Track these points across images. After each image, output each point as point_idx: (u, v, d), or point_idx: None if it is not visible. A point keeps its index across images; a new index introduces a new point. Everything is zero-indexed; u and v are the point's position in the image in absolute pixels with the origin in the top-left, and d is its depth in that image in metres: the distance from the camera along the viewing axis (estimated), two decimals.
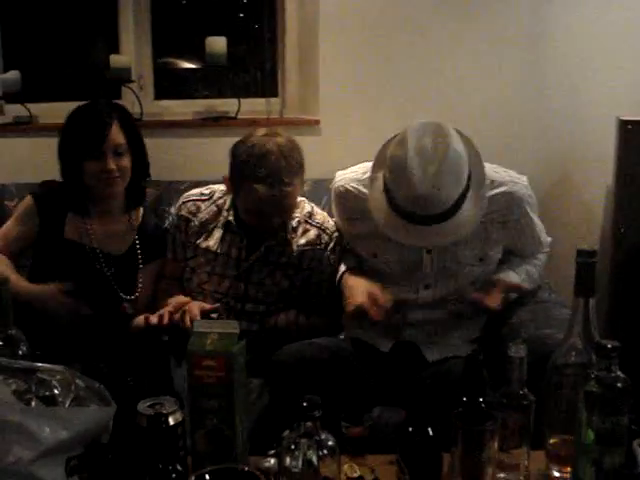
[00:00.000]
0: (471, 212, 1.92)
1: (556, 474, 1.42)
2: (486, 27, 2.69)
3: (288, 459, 1.23)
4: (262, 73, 3.02)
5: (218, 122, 2.81)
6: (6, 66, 2.85)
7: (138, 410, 1.31)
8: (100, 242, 2.21)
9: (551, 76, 2.72)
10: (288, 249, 2.18)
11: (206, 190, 2.27)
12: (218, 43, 2.72)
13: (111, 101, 2.29)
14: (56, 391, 1.35)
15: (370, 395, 1.97)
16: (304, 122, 2.78)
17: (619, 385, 1.24)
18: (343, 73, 2.72)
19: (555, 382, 1.41)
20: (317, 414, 1.23)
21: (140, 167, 2.21)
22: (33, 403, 1.31)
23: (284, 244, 2.18)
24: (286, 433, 1.26)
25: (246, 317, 2.13)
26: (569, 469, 1.37)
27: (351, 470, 1.42)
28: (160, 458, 1.26)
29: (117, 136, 2.11)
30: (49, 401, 1.33)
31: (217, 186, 2.26)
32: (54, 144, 2.18)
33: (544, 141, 2.74)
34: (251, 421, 1.57)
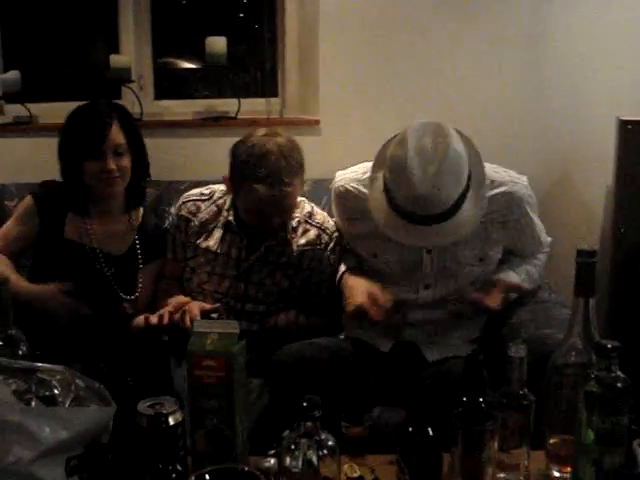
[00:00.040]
0: (471, 212, 1.92)
1: (556, 474, 1.42)
2: (486, 27, 2.69)
3: (288, 459, 1.23)
4: (262, 73, 3.02)
5: (218, 122, 2.81)
6: (6, 66, 2.85)
7: (138, 410, 1.31)
8: (100, 242, 2.21)
9: (551, 76, 2.72)
10: (288, 249, 2.18)
11: (206, 190, 2.27)
12: (218, 43, 2.72)
13: (111, 101, 2.29)
14: (56, 391, 1.35)
15: (370, 395, 1.97)
16: (304, 122, 2.78)
17: (619, 385, 1.24)
18: (343, 73, 2.72)
19: (555, 382, 1.41)
20: (317, 414, 1.23)
21: (140, 167, 2.21)
22: (33, 403, 1.31)
23: (284, 244, 2.18)
24: (286, 433, 1.26)
25: (246, 317, 2.13)
26: (569, 469, 1.37)
27: (351, 470, 1.42)
28: (160, 458, 1.26)
29: (117, 136, 2.11)
30: (49, 401, 1.33)
31: (217, 186, 2.26)
32: (54, 144, 2.18)
33: (544, 141, 2.74)
34: (251, 421, 1.57)
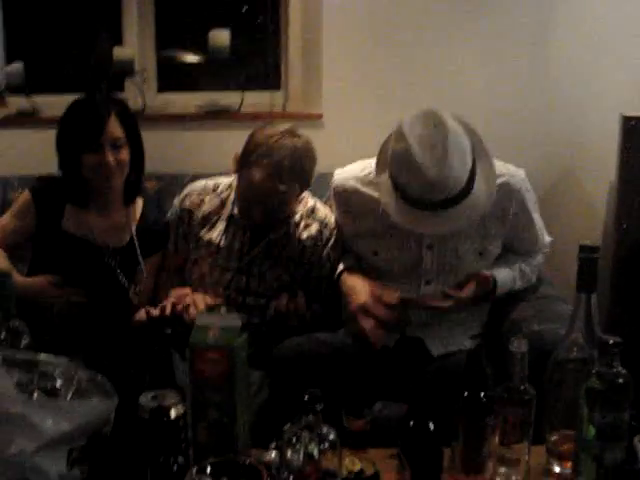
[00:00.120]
0: (485, 187, 1.92)
1: (557, 469, 1.42)
2: (491, 22, 2.68)
3: (289, 452, 1.23)
4: (265, 66, 3.01)
5: (221, 115, 2.80)
6: (9, 58, 2.85)
7: (140, 402, 1.31)
8: (99, 234, 2.20)
9: (555, 72, 2.71)
10: (290, 243, 2.18)
11: (210, 182, 2.27)
12: (221, 36, 2.71)
13: (109, 94, 2.28)
14: (58, 383, 1.35)
15: (372, 389, 1.97)
16: (307, 116, 2.77)
17: (620, 381, 1.24)
18: (346, 67, 2.71)
19: (556, 377, 1.42)
20: (318, 408, 1.23)
21: (138, 160, 2.20)
22: (35, 395, 1.32)
23: (286, 238, 2.18)
24: (287, 426, 1.26)
25: (247, 310, 2.13)
26: (570, 464, 1.37)
27: (352, 464, 1.42)
28: (162, 450, 1.26)
29: (115, 129, 2.10)
30: (51, 393, 1.34)
31: (222, 179, 2.26)
32: None
33: (547, 137, 2.73)
34: (252, 414, 1.58)
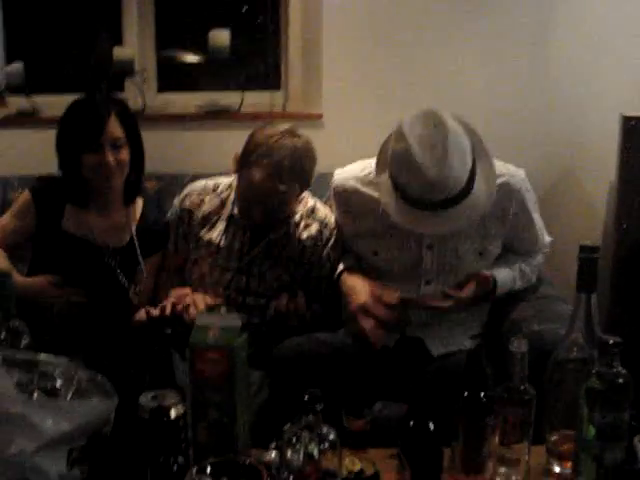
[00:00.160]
0: (485, 188, 1.92)
1: (557, 469, 1.42)
2: (492, 23, 2.68)
3: (289, 452, 1.23)
4: (265, 66, 3.01)
5: (221, 115, 2.80)
6: (9, 58, 2.84)
7: (140, 403, 1.31)
8: (99, 234, 2.20)
9: (555, 72, 2.71)
10: (290, 243, 2.18)
11: (210, 182, 2.27)
12: (221, 36, 2.71)
13: (109, 94, 2.27)
14: (58, 383, 1.35)
15: (372, 389, 1.97)
16: (307, 116, 2.77)
17: (620, 381, 1.24)
18: (346, 67, 2.71)
19: (556, 377, 1.42)
20: (319, 408, 1.23)
21: (138, 160, 2.20)
22: (35, 395, 1.32)
23: (286, 238, 2.18)
24: (287, 426, 1.26)
25: (247, 310, 2.13)
26: (570, 464, 1.37)
27: (352, 464, 1.42)
28: (162, 450, 1.26)
29: (115, 129, 2.10)
30: (51, 393, 1.34)
31: (222, 179, 2.26)
32: None
33: (547, 137, 2.73)
34: (252, 414, 1.58)
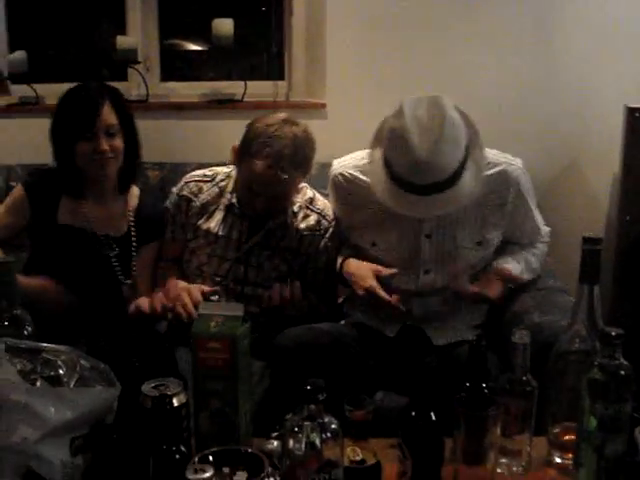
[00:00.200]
0: (470, 182, 1.92)
1: (558, 460, 1.42)
2: (495, 15, 2.68)
3: (291, 441, 1.23)
4: (269, 56, 3.01)
5: (224, 105, 2.80)
6: (12, 46, 2.84)
7: (142, 391, 1.31)
8: (96, 224, 2.19)
9: (559, 64, 2.70)
10: (288, 233, 2.18)
11: (209, 172, 2.27)
12: (225, 25, 2.71)
13: (102, 82, 2.25)
14: (61, 371, 1.35)
15: (373, 379, 1.98)
16: (310, 105, 2.77)
17: (622, 373, 1.24)
18: (350, 57, 2.71)
19: (558, 369, 1.42)
20: (321, 397, 1.24)
21: (132, 148, 2.18)
22: (38, 383, 1.32)
23: (285, 228, 2.18)
24: (289, 416, 1.27)
25: (245, 300, 2.12)
26: (571, 456, 1.37)
27: (354, 453, 1.42)
28: (164, 439, 1.26)
29: (109, 117, 2.08)
30: (54, 381, 1.34)
31: (220, 168, 2.26)
32: None
33: (551, 128, 2.73)
34: (254, 404, 1.58)
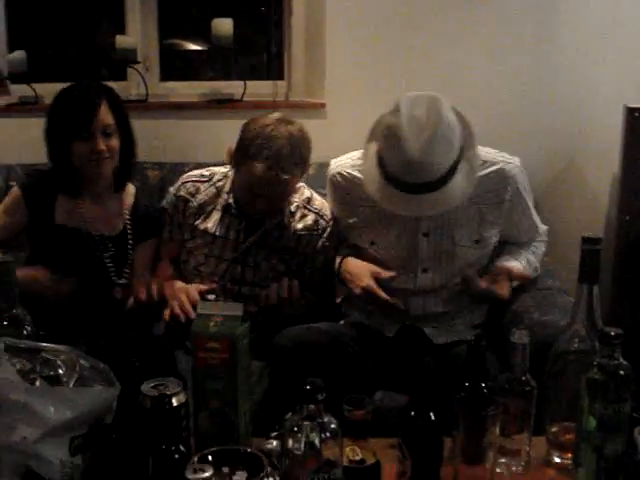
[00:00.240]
0: (463, 183, 1.92)
1: (557, 460, 1.43)
2: (493, 15, 2.67)
3: (291, 441, 1.23)
4: (268, 56, 3.01)
5: (223, 104, 2.80)
6: (12, 46, 2.84)
7: (142, 391, 1.31)
8: (92, 224, 2.18)
9: (558, 63, 2.70)
10: (285, 233, 2.18)
11: (206, 172, 2.26)
12: (224, 25, 2.70)
13: (98, 82, 2.25)
14: (60, 371, 1.35)
15: (373, 379, 1.98)
16: (310, 105, 2.77)
17: (621, 372, 1.24)
18: (349, 56, 2.71)
19: (558, 369, 1.42)
20: (320, 397, 1.24)
21: (128, 147, 2.18)
22: (38, 383, 1.32)
23: (282, 228, 2.18)
24: (289, 415, 1.27)
25: (243, 300, 2.12)
26: (570, 455, 1.37)
27: (353, 453, 1.42)
28: (163, 439, 1.26)
29: (106, 116, 2.08)
30: (53, 381, 1.34)
31: (217, 168, 2.26)
32: None
33: (550, 128, 2.73)
34: (253, 403, 1.58)
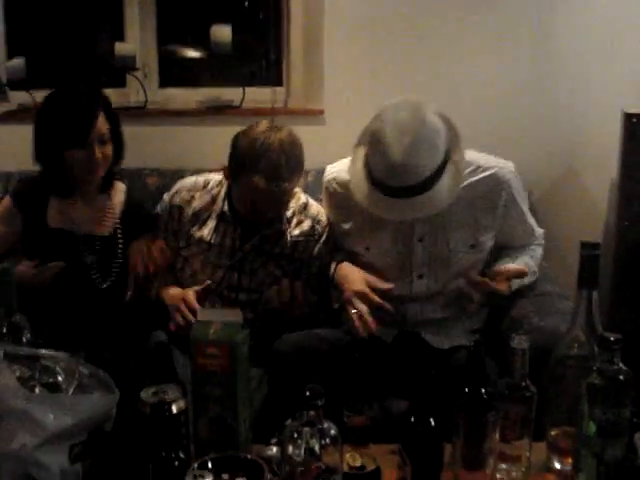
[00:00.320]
0: (448, 187, 1.93)
1: (557, 465, 1.43)
2: (491, 21, 2.68)
3: (291, 447, 1.23)
4: (267, 62, 3.01)
5: (222, 111, 2.80)
6: (11, 53, 2.84)
7: (141, 398, 1.31)
8: (84, 224, 2.17)
9: (556, 69, 2.70)
10: (282, 239, 2.17)
11: (201, 179, 2.24)
12: (223, 31, 2.71)
13: (94, 88, 2.23)
14: (60, 378, 1.35)
15: (372, 385, 1.97)
16: (308, 112, 2.77)
17: (621, 377, 1.24)
18: (348, 63, 2.71)
19: (557, 374, 1.42)
20: (320, 403, 1.23)
21: (118, 151, 2.17)
22: (37, 390, 1.32)
23: (278, 234, 2.17)
24: (289, 422, 1.27)
25: (240, 306, 2.11)
26: (570, 461, 1.37)
27: (353, 459, 1.42)
28: (163, 445, 1.26)
29: (102, 126, 2.08)
30: (53, 388, 1.34)
31: (212, 175, 2.24)
32: None
33: (548, 134, 2.73)
34: (253, 410, 1.58)
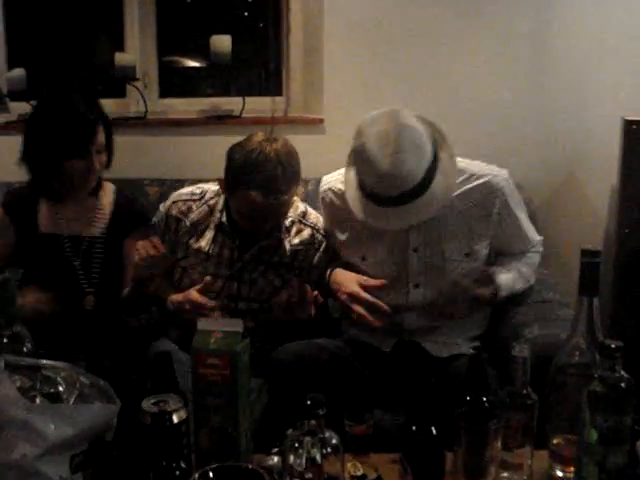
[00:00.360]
0: (442, 189, 1.94)
1: (559, 474, 1.42)
2: (491, 27, 2.69)
3: (292, 457, 1.23)
4: (266, 72, 3.03)
5: (222, 121, 2.81)
6: (11, 64, 2.85)
7: (142, 407, 1.31)
8: (75, 227, 2.18)
9: (555, 76, 2.71)
10: (281, 248, 2.17)
11: (197, 190, 2.23)
12: (223, 42, 2.72)
13: (89, 97, 2.22)
14: (61, 388, 1.35)
15: (372, 395, 1.97)
16: (308, 121, 2.78)
17: (623, 385, 1.24)
18: (347, 72, 2.72)
19: (559, 382, 1.41)
20: (321, 412, 1.23)
21: (109, 157, 2.17)
22: (38, 400, 1.32)
23: (277, 244, 2.17)
24: (290, 431, 1.26)
25: (239, 316, 2.10)
26: (572, 469, 1.37)
27: (354, 468, 1.42)
28: (164, 455, 1.26)
29: (101, 136, 2.09)
30: (54, 398, 1.33)
31: (208, 185, 2.23)
32: None
33: (549, 141, 2.74)
34: (252, 420, 1.57)
